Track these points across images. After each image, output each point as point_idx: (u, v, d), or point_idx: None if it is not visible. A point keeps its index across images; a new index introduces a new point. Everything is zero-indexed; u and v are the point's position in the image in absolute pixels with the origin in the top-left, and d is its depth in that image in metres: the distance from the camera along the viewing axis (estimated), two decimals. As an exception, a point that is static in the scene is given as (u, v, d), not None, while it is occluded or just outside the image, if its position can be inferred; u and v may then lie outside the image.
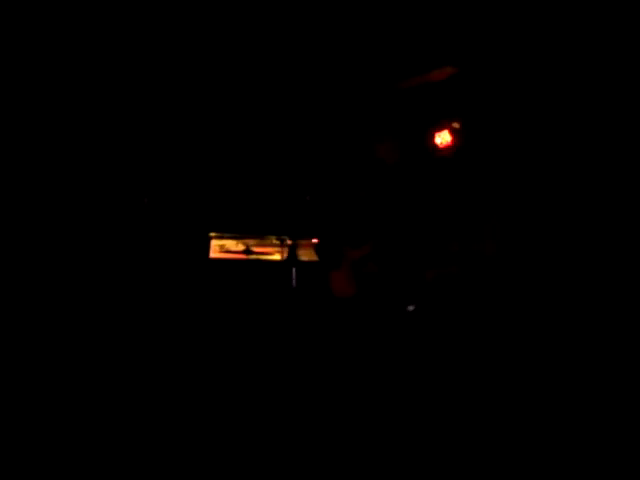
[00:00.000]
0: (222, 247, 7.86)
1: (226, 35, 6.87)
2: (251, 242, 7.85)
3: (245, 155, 7.84)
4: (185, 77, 7.23)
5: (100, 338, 6.64)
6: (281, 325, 7.27)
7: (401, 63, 7.22)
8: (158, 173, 7.69)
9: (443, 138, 7.73)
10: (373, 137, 7.96)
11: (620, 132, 6.80)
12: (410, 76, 7.42)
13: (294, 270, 7.57)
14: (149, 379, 5.87)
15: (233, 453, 4.25)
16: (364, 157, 7.97)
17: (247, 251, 7.77)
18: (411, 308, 6.69)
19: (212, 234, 7.84)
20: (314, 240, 7.71)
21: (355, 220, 7.39)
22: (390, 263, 6.96)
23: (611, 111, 6.79)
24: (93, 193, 7.54)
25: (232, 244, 7.86)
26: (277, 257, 7.84)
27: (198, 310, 7.31)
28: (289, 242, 7.64)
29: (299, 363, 6.57)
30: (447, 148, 7.74)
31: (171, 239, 7.68)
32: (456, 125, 7.65)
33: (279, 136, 7.87)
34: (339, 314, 6.94)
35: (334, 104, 7.78)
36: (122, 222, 7.60)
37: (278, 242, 7.76)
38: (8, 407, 4.81)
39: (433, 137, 7.78)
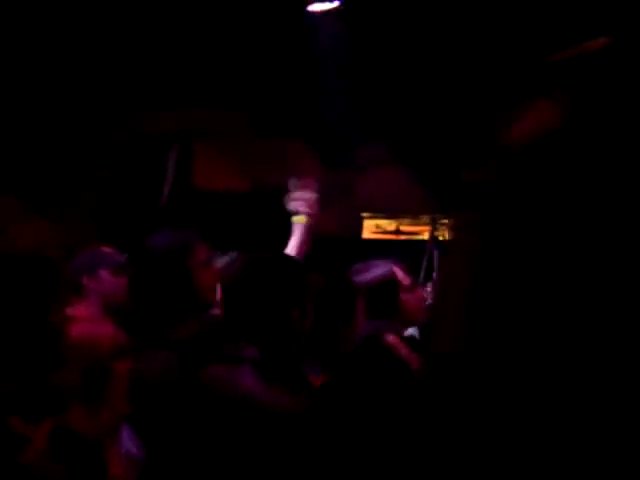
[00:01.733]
0: (377, 227, 7.98)
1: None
2: (404, 221, 7.94)
3: (397, 133, 8.04)
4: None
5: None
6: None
7: (552, 34, 7.30)
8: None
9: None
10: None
11: None
12: (563, 48, 7.48)
13: (435, 250, 7.48)
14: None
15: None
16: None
17: (397, 231, 7.85)
18: None
19: (365, 214, 8.01)
20: None
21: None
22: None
23: None
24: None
25: (385, 224, 7.97)
26: (427, 236, 7.86)
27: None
28: (440, 221, 7.65)
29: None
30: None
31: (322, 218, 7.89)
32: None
33: (431, 115, 8.05)
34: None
35: (486, 79, 7.90)
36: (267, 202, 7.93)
37: (429, 221, 7.79)
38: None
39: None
